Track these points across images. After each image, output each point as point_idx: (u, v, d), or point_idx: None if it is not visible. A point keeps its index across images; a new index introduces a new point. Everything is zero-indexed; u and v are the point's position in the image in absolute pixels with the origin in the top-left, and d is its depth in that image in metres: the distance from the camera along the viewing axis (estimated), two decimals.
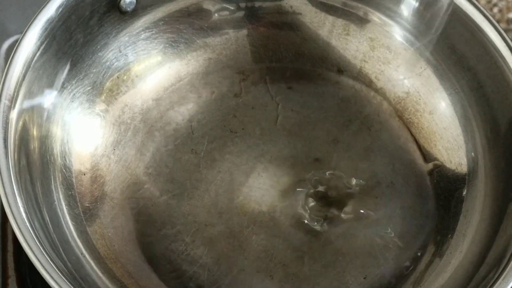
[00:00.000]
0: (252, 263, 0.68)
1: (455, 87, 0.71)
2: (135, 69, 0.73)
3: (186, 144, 0.73)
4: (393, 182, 0.72)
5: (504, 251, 0.61)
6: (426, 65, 0.73)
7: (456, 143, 0.71)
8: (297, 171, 0.72)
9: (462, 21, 0.68)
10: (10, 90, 0.61)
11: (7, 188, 0.57)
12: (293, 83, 0.76)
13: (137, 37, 0.72)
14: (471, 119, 0.70)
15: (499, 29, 0.66)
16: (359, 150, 0.73)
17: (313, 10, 0.75)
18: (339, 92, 0.76)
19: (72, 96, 0.68)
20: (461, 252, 0.66)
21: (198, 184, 0.71)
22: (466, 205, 0.69)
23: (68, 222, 0.65)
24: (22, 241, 0.56)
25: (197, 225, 0.69)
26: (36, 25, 0.63)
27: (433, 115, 0.73)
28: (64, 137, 0.67)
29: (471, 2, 0.67)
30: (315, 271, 0.68)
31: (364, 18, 0.74)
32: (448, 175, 0.71)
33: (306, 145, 0.74)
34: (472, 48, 0.68)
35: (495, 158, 0.68)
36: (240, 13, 0.75)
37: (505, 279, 0.58)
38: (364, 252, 0.69)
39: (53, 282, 0.54)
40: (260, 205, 0.70)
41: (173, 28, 0.74)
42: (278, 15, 0.76)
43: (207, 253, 0.68)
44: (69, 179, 0.67)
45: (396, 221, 0.70)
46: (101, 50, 0.70)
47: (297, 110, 0.75)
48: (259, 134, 0.74)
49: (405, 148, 0.74)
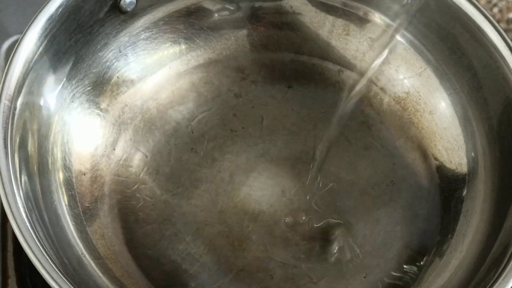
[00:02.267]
0: (252, 263, 0.68)
1: (455, 87, 0.71)
2: (135, 69, 0.73)
3: (186, 143, 0.73)
4: (393, 182, 0.72)
5: (504, 251, 0.60)
6: (426, 65, 0.73)
7: (456, 143, 0.71)
8: (297, 171, 0.72)
9: (462, 21, 0.68)
10: (10, 90, 0.61)
11: (7, 188, 0.57)
12: (293, 83, 0.76)
13: (137, 37, 0.72)
14: (471, 119, 0.70)
15: (499, 29, 0.66)
16: (359, 149, 0.73)
17: (313, 10, 0.75)
18: (340, 91, 0.76)
19: (72, 96, 0.68)
20: (461, 252, 0.66)
21: (198, 184, 0.71)
22: (466, 205, 0.69)
23: (68, 222, 0.65)
24: (22, 241, 0.55)
25: (197, 224, 0.69)
26: (36, 25, 0.63)
27: (433, 115, 0.73)
28: (64, 137, 0.67)
29: (471, 2, 0.67)
30: (315, 271, 0.68)
31: (364, 18, 0.74)
32: (448, 175, 0.71)
33: (307, 145, 0.74)
34: (472, 48, 0.68)
35: (495, 158, 0.68)
36: (240, 13, 0.75)
37: (505, 279, 0.58)
38: (365, 251, 0.69)
39: (53, 282, 0.54)
40: (260, 204, 0.70)
41: (173, 28, 0.74)
42: (278, 15, 0.76)
43: (207, 253, 0.68)
44: (69, 179, 0.67)
45: (396, 221, 0.70)
46: (101, 50, 0.70)
47: (297, 110, 0.75)
48: (259, 134, 0.74)
49: (406, 147, 0.74)
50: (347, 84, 0.76)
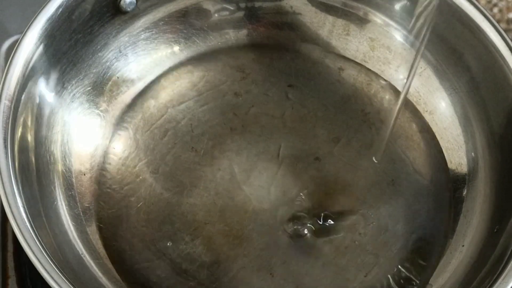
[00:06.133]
0: (252, 261, 0.68)
1: (455, 87, 0.71)
2: (135, 69, 0.73)
3: (186, 142, 0.73)
4: (394, 181, 0.72)
5: (504, 251, 0.61)
6: (426, 65, 0.73)
7: (456, 143, 0.71)
8: (298, 169, 0.72)
9: (462, 21, 0.68)
10: (10, 90, 0.61)
11: (7, 188, 0.57)
12: (293, 82, 0.76)
13: (137, 37, 0.72)
14: (471, 119, 0.70)
15: (499, 29, 0.66)
16: (360, 149, 0.73)
17: (313, 10, 0.75)
18: (340, 91, 0.76)
19: (72, 96, 0.68)
20: (461, 252, 0.67)
21: (198, 182, 0.71)
22: (466, 205, 0.69)
23: (68, 222, 0.65)
24: (22, 241, 0.56)
25: (197, 223, 0.69)
26: (36, 25, 0.63)
27: (433, 115, 0.73)
28: (64, 137, 0.68)
29: (471, 2, 0.67)
30: (316, 269, 0.68)
31: (364, 18, 0.74)
32: (448, 175, 0.71)
33: (307, 143, 0.74)
34: (472, 48, 0.68)
35: (495, 158, 0.68)
36: (240, 13, 0.75)
37: (505, 279, 0.58)
38: (365, 250, 0.69)
39: (53, 282, 0.54)
40: (261, 203, 0.70)
41: (173, 28, 0.74)
42: (278, 15, 0.76)
43: (207, 252, 0.68)
44: (69, 179, 0.67)
45: (397, 220, 0.70)
46: (101, 50, 0.70)
47: (297, 108, 0.75)
48: (259, 132, 0.74)
49: (406, 147, 0.74)
50: (347, 83, 0.76)
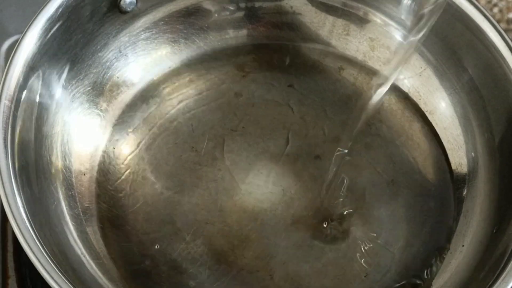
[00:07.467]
0: (252, 262, 0.68)
1: (455, 87, 0.71)
2: (135, 69, 0.73)
3: (187, 142, 0.73)
4: (394, 181, 0.72)
5: (504, 251, 0.61)
6: (426, 65, 0.73)
7: (456, 143, 0.71)
8: (298, 169, 0.72)
9: (462, 21, 0.68)
10: (10, 90, 0.61)
11: (7, 188, 0.57)
12: (294, 81, 0.76)
13: (137, 37, 0.72)
14: (471, 119, 0.70)
15: (499, 29, 0.66)
16: (360, 148, 0.73)
17: (313, 10, 0.75)
18: (340, 90, 0.76)
19: (72, 96, 0.68)
20: (461, 252, 0.67)
21: (198, 182, 0.71)
22: (466, 205, 0.69)
23: (68, 222, 0.65)
24: (22, 241, 0.56)
25: (197, 223, 0.69)
26: (36, 25, 0.63)
27: (433, 115, 0.73)
28: (64, 137, 0.68)
29: (471, 2, 0.67)
30: (316, 270, 0.68)
31: (364, 18, 0.74)
32: (448, 175, 0.71)
33: (307, 143, 0.74)
34: (472, 48, 0.68)
35: (495, 158, 0.68)
36: (240, 13, 0.75)
37: (505, 279, 0.58)
38: (365, 250, 0.69)
39: (53, 282, 0.54)
40: (261, 203, 0.70)
41: (173, 28, 0.74)
42: (278, 15, 0.76)
43: (207, 252, 0.68)
44: (69, 179, 0.67)
45: (397, 220, 0.70)
46: (101, 50, 0.70)
47: (297, 108, 0.75)
48: (259, 132, 0.74)
49: (406, 147, 0.74)
50: (347, 83, 0.76)
